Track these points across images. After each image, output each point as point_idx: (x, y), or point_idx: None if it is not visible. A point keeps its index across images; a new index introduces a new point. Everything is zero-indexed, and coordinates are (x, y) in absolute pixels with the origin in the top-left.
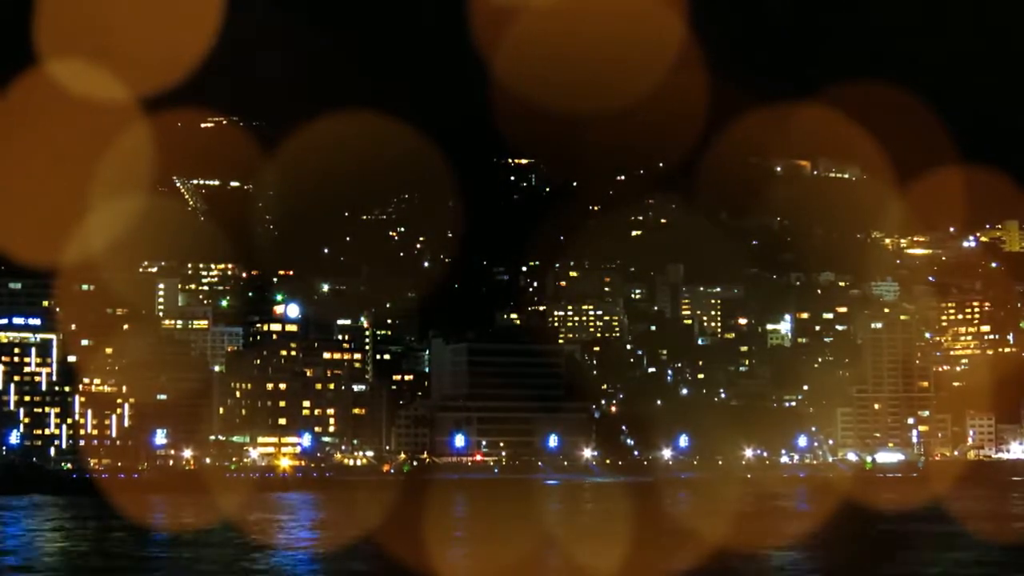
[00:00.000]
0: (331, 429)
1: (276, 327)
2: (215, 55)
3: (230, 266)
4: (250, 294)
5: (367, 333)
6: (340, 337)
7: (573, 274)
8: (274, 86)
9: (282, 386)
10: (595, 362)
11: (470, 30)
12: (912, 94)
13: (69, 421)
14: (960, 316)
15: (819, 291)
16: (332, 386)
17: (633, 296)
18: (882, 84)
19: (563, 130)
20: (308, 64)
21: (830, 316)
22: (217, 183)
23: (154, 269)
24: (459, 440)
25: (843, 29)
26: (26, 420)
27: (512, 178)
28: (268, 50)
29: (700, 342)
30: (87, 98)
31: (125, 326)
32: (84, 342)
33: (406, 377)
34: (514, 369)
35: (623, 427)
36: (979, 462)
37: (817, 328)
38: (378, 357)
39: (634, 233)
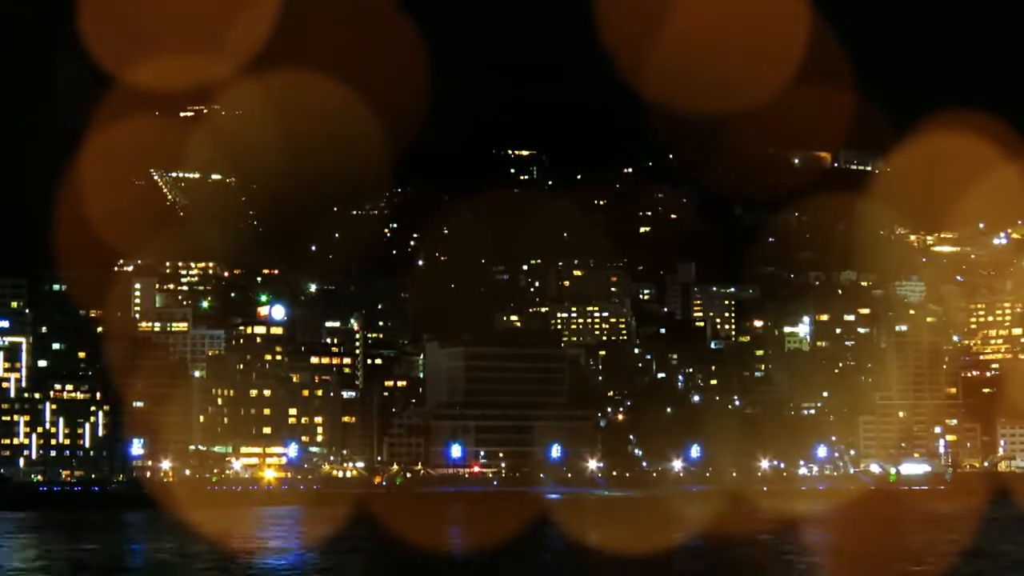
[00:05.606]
0: (319, 439)
1: (260, 330)
2: None
3: (211, 265)
4: (232, 294)
5: (357, 336)
6: (328, 340)
7: (577, 273)
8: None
9: (267, 393)
10: (601, 367)
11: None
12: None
13: (40, 430)
14: (990, 318)
15: (840, 291)
16: (320, 393)
17: (641, 296)
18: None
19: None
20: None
21: (851, 318)
22: (197, 176)
23: (130, 268)
24: (455, 450)
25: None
26: None
27: (512, 170)
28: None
29: (713, 346)
30: None
31: (99, 328)
32: (56, 345)
33: (399, 383)
34: (514, 375)
35: (631, 436)
36: (1012, 473)
37: (838, 331)
38: (369, 362)
39: (642, 229)
